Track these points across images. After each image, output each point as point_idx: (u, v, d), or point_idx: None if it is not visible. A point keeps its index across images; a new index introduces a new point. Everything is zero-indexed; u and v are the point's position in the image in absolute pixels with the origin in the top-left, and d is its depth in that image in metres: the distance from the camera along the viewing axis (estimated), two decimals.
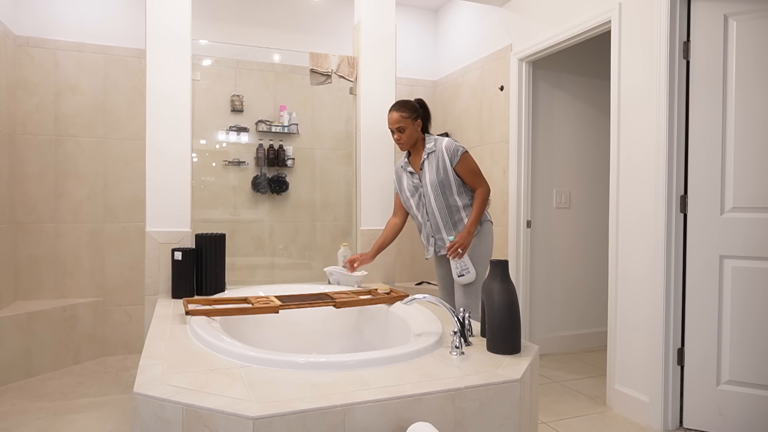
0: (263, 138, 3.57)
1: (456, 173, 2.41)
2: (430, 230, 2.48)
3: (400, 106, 2.43)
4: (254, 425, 1.09)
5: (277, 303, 1.99)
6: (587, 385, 2.96)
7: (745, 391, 2.25)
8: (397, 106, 2.44)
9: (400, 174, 2.56)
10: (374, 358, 1.43)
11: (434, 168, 2.41)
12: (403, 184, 2.53)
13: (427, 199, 2.44)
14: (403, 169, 2.54)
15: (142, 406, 1.19)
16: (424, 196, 2.45)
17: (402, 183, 2.55)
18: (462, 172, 2.40)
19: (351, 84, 3.04)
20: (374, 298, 2.17)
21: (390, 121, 2.44)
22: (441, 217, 2.43)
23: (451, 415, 1.28)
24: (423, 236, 2.55)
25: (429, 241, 2.52)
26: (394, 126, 2.43)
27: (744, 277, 2.26)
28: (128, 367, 3.21)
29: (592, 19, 2.78)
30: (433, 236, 2.49)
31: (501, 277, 1.64)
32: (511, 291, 1.63)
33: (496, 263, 1.66)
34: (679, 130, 2.38)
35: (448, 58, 4.22)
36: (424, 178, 2.43)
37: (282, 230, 3.66)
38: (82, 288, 3.38)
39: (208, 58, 3.45)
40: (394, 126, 2.43)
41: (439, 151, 2.42)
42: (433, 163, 2.42)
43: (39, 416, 2.44)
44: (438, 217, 2.44)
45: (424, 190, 2.45)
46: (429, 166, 2.43)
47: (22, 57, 3.22)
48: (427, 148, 2.44)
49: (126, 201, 3.46)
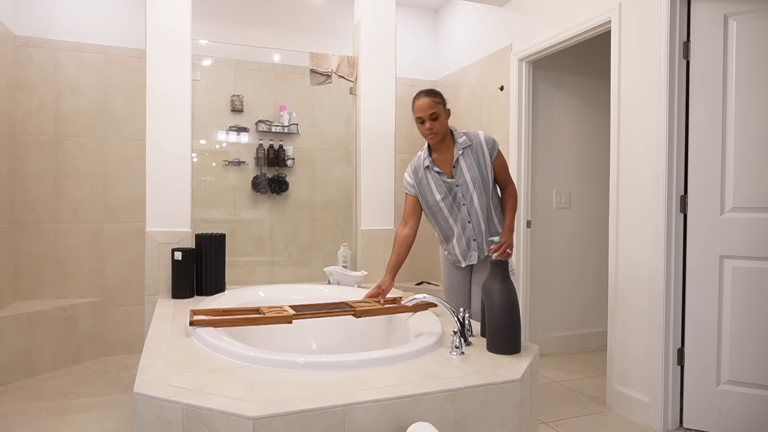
0: (263, 138, 3.57)
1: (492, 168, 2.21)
2: (472, 233, 2.22)
3: (430, 92, 2.15)
4: (254, 425, 1.09)
5: (291, 312, 1.84)
6: (587, 385, 2.96)
7: (745, 391, 2.25)
8: (426, 92, 2.16)
9: (421, 176, 2.24)
10: (374, 358, 1.43)
11: (474, 163, 2.16)
12: (430, 187, 2.22)
13: (468, 199, 2.18)
14: (428, 170, 2.22)
15: (142, 406, 1.19)
16: (463, 197, 2.18)
17: (426, 185, 2.23)
18: (497, 166, 2.21)
19: (351, 84, 3.04)
20: (398, 306, 2.01)
21: (420, 108, 2.13)
22: (483, 218, 2.21)
23: (451, 415, 1.28)
24: (458, 242, 2.25)
25: (470, 246, 2.24)
26: (427, 113, 2.11)
27: (744, 277, 2.26)
28: (128, 367, 3.21)
29: (592, 19, 2.78)
30: (475, 239, 2.23)
31: (501, 277, 1.64)
32: (511, 291, 1.63)
33: (495, 263, 1.66)
34: (679, 131, 2.38)
35: (448, 58, 4.22)
36: (461, 176, 2.17)
37: (282, 230, 3.66)
38: (82, 288, 3.38)
39: (208, 58, 3.45)
40: (426, 113, 2.11)
41: (476, 144, 2.18)
42: (471, 159, 2.17)
43: (39, 416, 2.44)
44: (481, 218, 2.21)
45: (462, 190, 2.18)
46: (466, 162, 2.17)
47: (22, 57, 3.22)
48: (459, 143, 2.17)
49: (126, 201, 3.46)
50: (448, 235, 2.27)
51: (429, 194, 2.23)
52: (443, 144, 2.20)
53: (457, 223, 2.23)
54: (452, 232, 2.25)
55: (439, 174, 2.21)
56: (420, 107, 2.13)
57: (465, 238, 2.24)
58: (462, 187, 2.17)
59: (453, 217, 2.23)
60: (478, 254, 2.25)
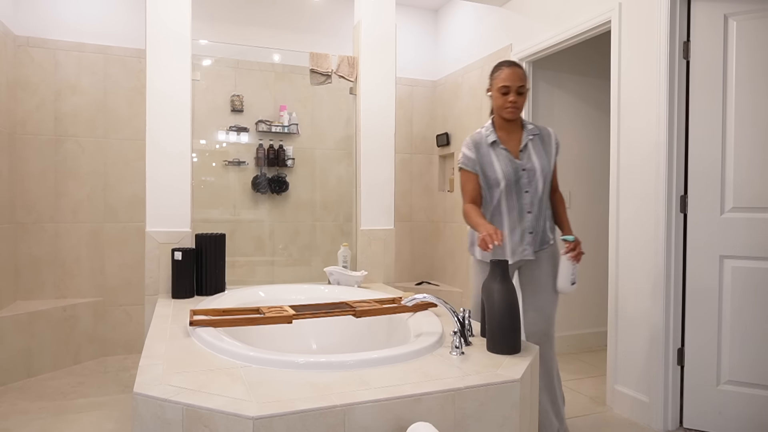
0: (263, 138, 3.57)
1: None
2: (529, 225, 2.02)
3: (519, 65, 1.99)
4: (254, 425, 1.09)
5: (291, 312, 1.84)
6: (587, 385, 2.96)
7: (745, 391, 2.25)
8: (515, 63, 1.99)
9: (484, 150, 2.03)
10: (374, 358, 1.42)
11: (542, 154, 2.03)
12: (493, 165, 2.01)
13: (533, 187, 2.00)
14: (493, 146, 2.03)
15: (142, 406, 1.18)
16: (528, 183, 2.00)
17: (488, 163, 2.02)
18: (554, 168, 2.09)
19: (351, 84, 3.04)
20: (398, 306, 2.00)
21: (510, 77, 1.94)
22: (542, 212, 2.05)
23: (451, 415, 1.28)
24: (511, 233, 2.04)
25: (524, 239, 2.03)
26: (516, 84, 1.94)
27: (744, 277, 2.26)
28: (128, 367, 3.21)
29: (592, 19, 2.78)
30: (531, 232, 2.03)
31: (501, 277, 1.64)
32: (511, 291, 1.63)
33: (495, 263, 1.66)
34: (679, 130, 2.38)
35: (448, 58, 4.22)
36: (530, 160, 2.01)
37: (282, 230, 3.66)
38: (82, 288, 3.38)
39: (208, 58, 3.45)
40: (515, 84, 1.94)
41: (546, 136, 2.07)
42: (539, 148, 2.04)
43: (39, 416, 2.44)
44: (540, 211, 2.04)
45: (528, 176, 2.00)
46: (535, 149, 2.03)
47: (22, 57, 3.22)
48: (529, 129, 2.05)
49: (126, 201, 3.46)
50: (497, 224, 2.05)
51: (491, 172, 2.01)
52: (512, 125, 2.04)
53: (513, 210, 2.02)
54: (506, 220, 2.03)
55: (506, 151, 2.01)
56: (510, 76, 1.94)
57: (520, 229, 2.02)
58: (529, 172, 2.00)
59: (510, 203, 2.02)
60: (534, 248, 2.06)
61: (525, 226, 2.03)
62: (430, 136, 4.39)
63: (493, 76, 2.01)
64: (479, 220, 1.92)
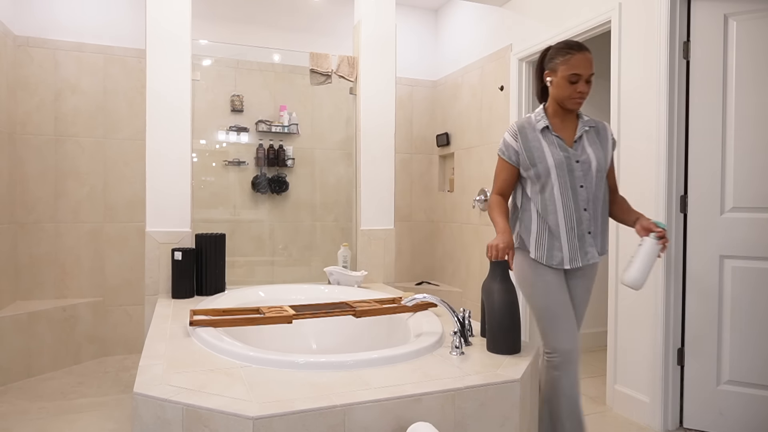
0: (263, 138, 3.57)
1: None
2: (588, 225, 1.77)
3: (586, 48, 1.75)
4: (254, 425, 1.09)
5: (291, 312, 1.84)
6: (587, 385, 2.96)
7: (745, 391, 2.25)
8: (580, 45, 1.75)
9: (532, 138, 1.80)
10: (374, 358, 1.42)
11: (598, 147, 1.81)
12: (543, 153, 1.77)
13: (589, 181, 1.77)
14: (544, 133, 1.80)
15: (142, 406, 1.18)
16: (583, 176, 1.77)
17: (538, 150, 1.78)
18: (610, 167, 1.90)
19: (351, 84, 3.04)
20: (398, 306, 2.01)
21: (583, 64, 1.71)
22: (600, 211, 1.82)
23: (451, 415, 1.28)
24: (568, 235, 1.77)
25: (585, 240, 1.78)
26: (589, 72, 1.72)
27: (744, 277, 2.26)
28: (128, 367, 3.21)
29: (592, 19, 2.78)
30: (590, 232, 1.78)
31: (501, 277, 1.64)
32: (511, 291, 1.63)
33: (496, 264, 1.66)
34: (679, 130, 2.38)
35: (448, 58, 4.22)
36: (584, 152, 1.78)
37: (282, 230, 3.66)
38: (82, 288, 3.38)
39: (208, 58, 3.45)
40: (588, 71, 1.72)
41: (602, 130, 1.86)
42: (594, 141, 1.82)
43: (39, 416, 2.44)
44: (598, 209, 1.81)
45: (583, 168, 1.76)
46: (590, 142, 1.81)
47: (22, 57, 3.22)
48: (585, 120, 1.84)
49: (126, 201, 3.46)
50: (552, 223, 1.78)
51: (541, 161, 1.76)
52: (567, 114, 1.82)
53: (568, 208, 1.77)
54: (562, 219, 1.77)
55: (558, 139, 1.78)
56: (582, 62, 1.71)
57: (579, 230, 1.77)
58: (584, 165, 1.77)
59: (565, 199, 1.77)
60: (597, 251, 1.81)
61: (584, 227, 1.77)
62: (430, 136, 4.39)
63: (559, 60, 1.74)
64: (499, 219, 1.78)
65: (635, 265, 1.70)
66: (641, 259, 1.69)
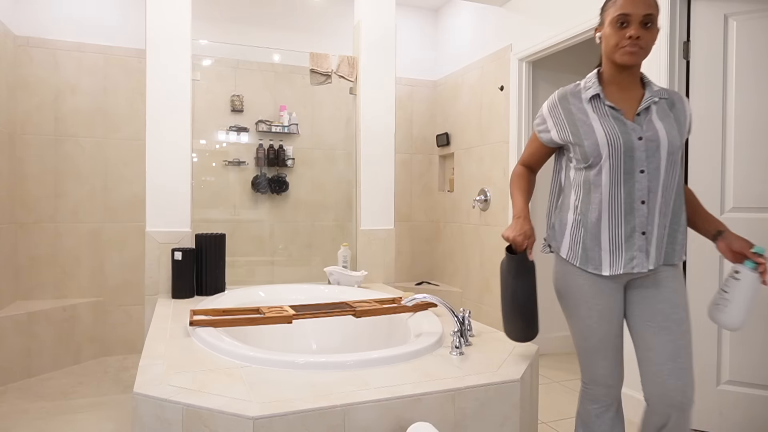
0: (263, 138, 3.57)
1: None
2: (643, 221, 1.38)
3: None
4: (254, 425, 1.09)
5: (291, 312, 1.83)
6: None
7: (745, 391, 2.25)
8: None
9: (576, 109, 1.44)
10: (374, 358, 1.42)
11: (671, 123, 1.41)
12: (590, 126, 1.40)
13: (653, 164, 1.37)
14: (593, 102, 1.43)
15: (142, 406, 1.18)
16: (646, 159, 1.36)
17: (583, 123, 1.42)
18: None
19: (351, 84, 3.04)
20: (398, 306, 1.99)
21: (630, 4, 1.34)
22: (667, 204, 1.41)
23: (451, 415, 1.28)
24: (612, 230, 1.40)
25: (634, 240, 1.38)
26: (641, 12, 1.34)
27: None
28: (128, 367, 3.21)
29: (592, 19, 2.78)
30: (644, 232, 1.38)
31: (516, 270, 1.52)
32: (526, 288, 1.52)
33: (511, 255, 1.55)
34: None
35: (448, 58, 4.22)
36: (651, 127, 1.38)
37: (282, 230, 3.66)
38: (82, 288, 3.38)
39: (208, 58, 3.45)
40: (640, 11, 1.34)
41: (679, 102, 1.45)
42: (667, 115, 1.42)
43: (39, 416, 2.44)
44: (663, 203, 1.39)
45: (648, 147, 1.36)
46: (661, 116, 1.41)
47: (22, 57, 3.22)
48: (653, 90, 1.42)
49: (126, 201, 3.46)
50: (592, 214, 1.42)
51: (589, 137, 1.40)
52: (628, 79, 1.42)
53: (617, 198, 1.39)
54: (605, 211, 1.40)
55: (612, 110, 1.41)
56: (629, 1, 1.34)
57: (628, 227, 1.39)
58: (649, 143, 1.36)
59: (614, 187, 1.39)
60: (651, 258, 1.39)
61: (636, 223, 1.38)
62: (430, 136, 4.39)
63: (606, 5, 1.42)
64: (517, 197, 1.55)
65: (736, 303, 1.35)
66: (743, 296, 1.34)
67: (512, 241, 1.47)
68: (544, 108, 1.51)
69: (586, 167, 1.43)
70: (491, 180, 3.60)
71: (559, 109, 1.47)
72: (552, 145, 1.52)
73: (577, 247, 1.46)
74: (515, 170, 1.62)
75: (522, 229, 1.47)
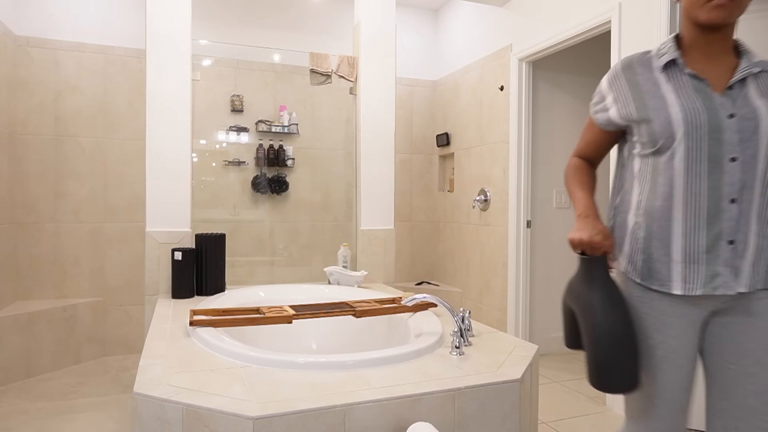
0: (263, 138, 3.57)
1: None
2: (732, 228, 1.07)
3: None
4: (254, 425, 1.09)
5: (291, 312, 1.82)
6: (587, 385, 2.96)
7: None
8: None
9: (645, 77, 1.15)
10: (374, 358, 1.42)
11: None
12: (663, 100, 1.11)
13: (749, 151, 1.07)
14: (668, 70, 1.14)
15: (142, 406, 1.18)
16: (740, 142, 1.07)
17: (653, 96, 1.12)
18: None
19: (351, 84, 3.04)
20: (398, 306, 1.98)
21: None
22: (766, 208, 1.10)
23: (451, 415, 1.28)
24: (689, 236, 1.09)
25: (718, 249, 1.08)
26: None
27: None
28: (128, 367, 3.21)
29: (592, 19, 2.78)
30: (733, 240, 1.08)
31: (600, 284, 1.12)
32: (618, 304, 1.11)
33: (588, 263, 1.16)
34: None
35: (448, 58, 4.22)
36: (746, 104, 1.09)
37: (282, 230, 3.66)
38: (82, 288, 3.38)
39: (208, 58, 3.45)
40: None
41: None
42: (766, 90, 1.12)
43: (39, 416, 2.44)
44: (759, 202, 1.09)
45: (741, 128, 1.07)
46: (763, 91, 1.11)
47: (22, 57, 3.22)
48: (751, 59, 1.13)
49: (126, 201, 3.46)
50: (661, 215, 1.11)
51: (659, 113, 1.10)
52: (717, 43, 1.12)
53: (698, 195, 1.08)
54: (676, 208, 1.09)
55: (694, 80, 1.11)
56: None
57: (709, 233, 1.08)
58: (744, 122, 1.07)
59: (693, 175, 1.08)
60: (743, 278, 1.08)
61: (722, 229, 1.07)
62: (430, 136, 4.39)
63: None
64: (578, 193, 1.23)
65: None
66: None
67: (589, 244, 1.12)
68: (604, 82, 1.23)
69: (654, 152, 1.11)
70: (491, 180, 3.60)
71: (622, 80, 1.17)
72: (612, 128, 1.21)
73: (636, 257, 1.12)
74: (570, 163, 1.32)
75: (597, 228, 1.13)
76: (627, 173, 1.21)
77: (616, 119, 1.19)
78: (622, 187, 1.22)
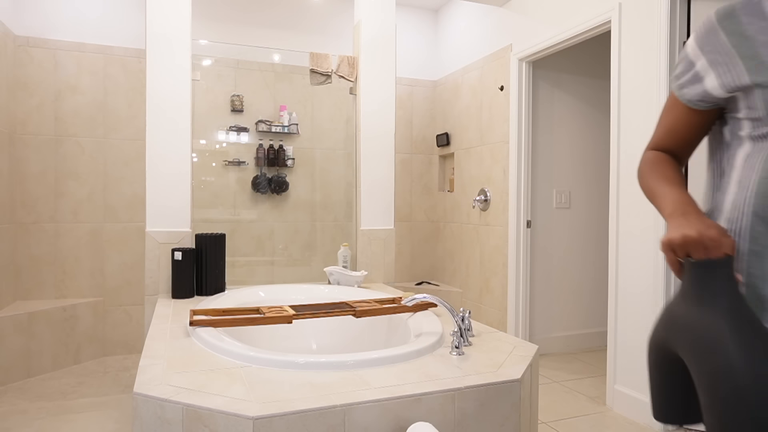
0: (263, 138, 3.57)
1: None
2: None
3: None
4: (254, 425, 1.09)
5: (291, 312, 1.82)
6: (587, 385, 2.96)
7: None
8: None
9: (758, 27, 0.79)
10: (374, 358, 1.42)
11: None
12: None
13: None
14: None
15: (142, 406, 1.18)
16: None
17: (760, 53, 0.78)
18: None
19: (351, 84, 3.04)
20: (398, 306, 1.98)
21: None
22: None
23: (451, 415, 1.28)
24: None
25: None
26: None
27: None
28: (128, 367, 3.21)
29: (592, 19, 2.78)
30: None
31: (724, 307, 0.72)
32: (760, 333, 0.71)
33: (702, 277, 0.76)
34: None
35: (448, 58, 4.22)
36: None
37: (282, 230, 3.66)
38: (82, 288, 3.38)
39: (208, 58, 3.45)
40: None
41: None
42: None
43: (39, 416, 2.44)
44: None
45: None
46: None
47: (22, 57, 3.22)
48: None
49: (126, 201, 3.46)
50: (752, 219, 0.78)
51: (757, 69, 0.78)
52: None
53: None
54: None
55: None
56: None
57: None
58: None
59: None
60: None
61: None
62: (430, 136, 4.39)
63: None
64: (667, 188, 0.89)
65: None
66: None
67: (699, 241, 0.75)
68: (690, 43, 0.88)
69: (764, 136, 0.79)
70: (491, 180, 3.60)
71: (721, 35, 0.83)
72: (706, 105, 0.88)
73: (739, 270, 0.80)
74: (645, 158, 0.99)
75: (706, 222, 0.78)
76: (727, 164, 0.87)
77: (714, 91, 0.84)
78: (719, 185, 0.88)
